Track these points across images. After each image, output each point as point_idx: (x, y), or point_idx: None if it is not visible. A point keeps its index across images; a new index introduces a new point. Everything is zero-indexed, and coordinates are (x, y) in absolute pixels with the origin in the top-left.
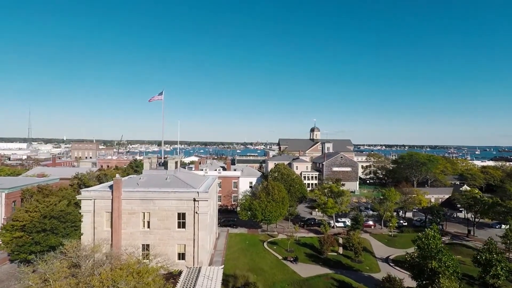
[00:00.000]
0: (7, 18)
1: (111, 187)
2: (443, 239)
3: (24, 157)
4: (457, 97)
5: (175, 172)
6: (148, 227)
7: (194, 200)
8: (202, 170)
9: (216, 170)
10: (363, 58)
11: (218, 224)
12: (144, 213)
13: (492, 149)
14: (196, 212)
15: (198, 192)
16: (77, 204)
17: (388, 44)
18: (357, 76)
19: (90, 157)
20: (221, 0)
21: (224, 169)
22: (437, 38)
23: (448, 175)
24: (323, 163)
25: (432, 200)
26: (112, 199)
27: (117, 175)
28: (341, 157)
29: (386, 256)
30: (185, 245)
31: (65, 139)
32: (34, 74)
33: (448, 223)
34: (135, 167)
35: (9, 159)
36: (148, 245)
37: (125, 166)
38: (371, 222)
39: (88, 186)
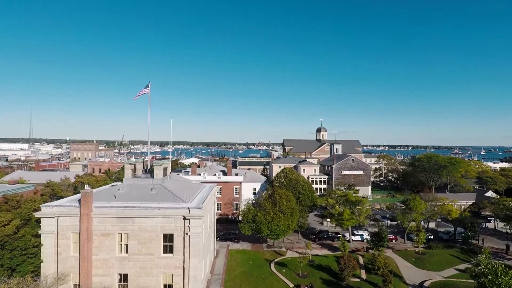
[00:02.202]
0: (9, 18)
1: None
2: None
3: (22, 158)
4: (460, 97)
5: (163, 180)
6: (126, 252)
7: (184, 218)
8: (200, 174)
9: (215, 174)
10: (365, 58)
11: (216, 237)
12: (121, 234)
13: (497, 150)
14: (187, 233)
15: (189, 208)
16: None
17: (390, 43)
18: (359, 75)
19: (90, 158)
20: None
21: (224, 173)
22: (438, 39)
23: (468, 179)
24: (333, 166)
25: (454, 207)
26: (80, 217)
27: (86, 186)
28: (352, 159)
29: (419, 282)
30: (172, 274)
31: (68, 139)
32: (37, 75)
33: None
34: None
35: (7, 160)
36: (126, 275)
37: (119, 170)
38: (391, 235)
39: (61, 197)
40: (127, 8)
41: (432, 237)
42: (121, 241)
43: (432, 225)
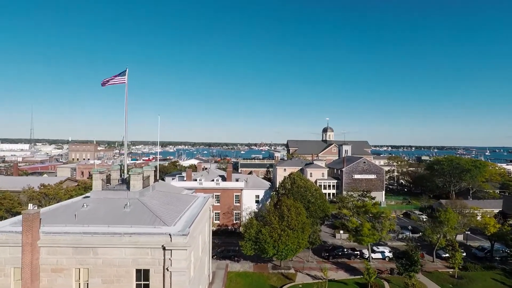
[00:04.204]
0: (9, 18)
1: None
2: None
3: (20, 159)
4: (462, 97)
5: (142, 193)
6: None
7: (164, 248)
8: (196, 180)
9: (213, 180)
10: (366, 57)
11: (213, 255)
12: (79, 269)
13: (501, 150)
14: (167, 269)
15: (170, 234)
16: None
17: (391, 42)
18: (362, 75)
19: (88, 159)
20: None
21: (223, 178)
22: (438, 40)
23: (491, 183)
24: (343, 169)
25: (493, 219)
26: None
27: (30, 205)
28: (364, 162)
29: None
30: None
31: (70, 140)
32: (39, 75)
33: None
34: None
35: (4, 161)
36: None
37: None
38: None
39: (17, 214)
40: (130, 9)
41: (464, 253)
42: (79, 278)
43: (459, 237)
